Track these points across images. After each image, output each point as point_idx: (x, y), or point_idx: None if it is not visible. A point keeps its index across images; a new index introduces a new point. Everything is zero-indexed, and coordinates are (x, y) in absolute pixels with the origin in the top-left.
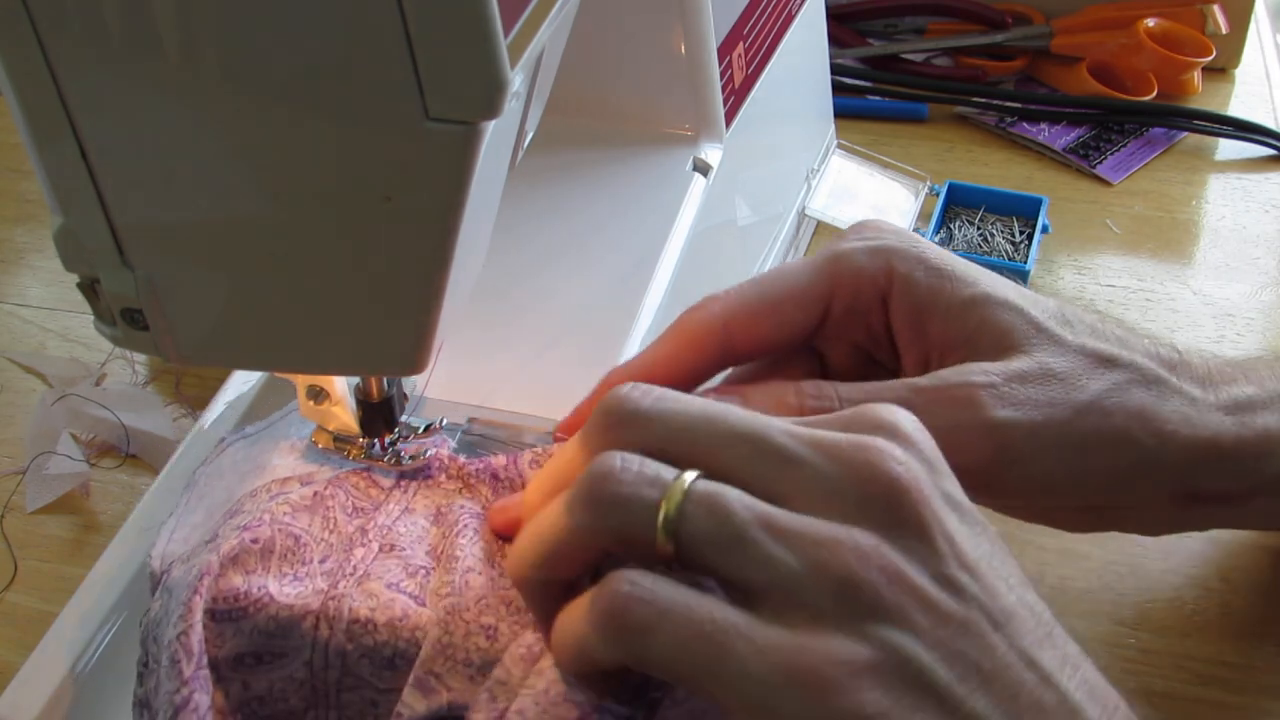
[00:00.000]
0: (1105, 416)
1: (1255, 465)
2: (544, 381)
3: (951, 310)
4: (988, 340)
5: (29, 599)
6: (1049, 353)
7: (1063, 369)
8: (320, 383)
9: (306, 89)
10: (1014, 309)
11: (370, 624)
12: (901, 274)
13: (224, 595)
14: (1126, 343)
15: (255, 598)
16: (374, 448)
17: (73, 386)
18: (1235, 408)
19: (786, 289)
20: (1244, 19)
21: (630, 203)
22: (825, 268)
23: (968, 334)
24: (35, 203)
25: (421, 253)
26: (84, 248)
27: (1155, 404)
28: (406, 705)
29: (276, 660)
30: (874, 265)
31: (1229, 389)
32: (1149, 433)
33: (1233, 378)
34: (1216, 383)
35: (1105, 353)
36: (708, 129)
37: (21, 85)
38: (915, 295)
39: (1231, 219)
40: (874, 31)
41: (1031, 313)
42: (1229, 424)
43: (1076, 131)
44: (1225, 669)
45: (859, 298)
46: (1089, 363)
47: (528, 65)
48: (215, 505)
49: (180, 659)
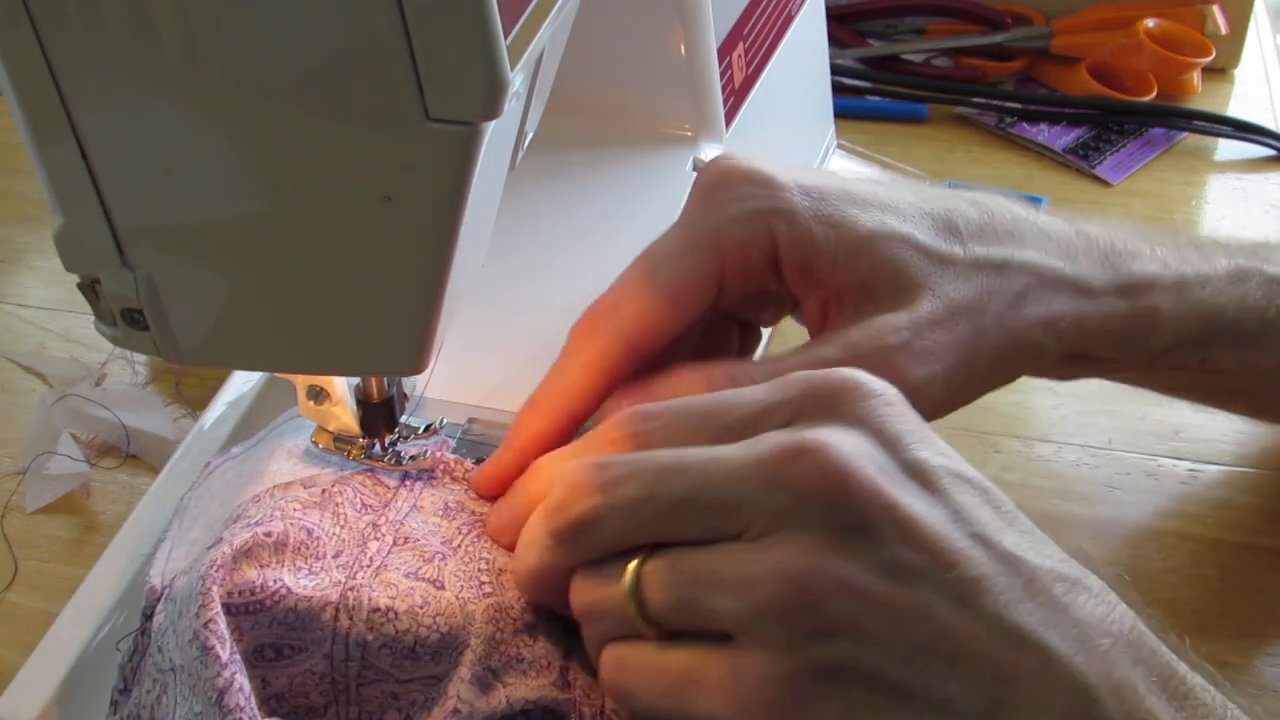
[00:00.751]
0: (1005, 331)
1: (1142, 343)
2: None
3: (839, 259)
4: (883, 282)
5: (29, 599)
6: (948, 281)
7: (965, 298)
8: (320, 383)
9: (307, 89)
10: (901, 239)
11: (391, 612)
12: (783, 234)
13: (239, 589)
14: (1018, 236)
15: (272, 590)
16: (374, 448)
17: (73, 386)
18: (1131, 289)
19: (678, 284)
20: (1244, 19)
21: (630, 203)
22: (709, 249)
23: (860, 278)
24: (35, 203)
25: (421, 253)
26: (84, 248)
27: (1049, 303)
28: (465, 702)
29: (296, 654)
30: (755, 233)
31: (1131, 264)
32: (1044, 331)
33: (1138, 251)
34: (1121, 256)
35: (998, 259)
36: (708, 129)
37: (21, 85)
38: (801, 251)
39: (1231, 219)
40: (874, 31)
41: (919, 238)
42: (1121, 306)
43: (1076, 132)
44: (1225, 669)
45: (750, 268)
46: (986, 277)
47: (528, 65)
48: (213, 519)
49: (214, 645)
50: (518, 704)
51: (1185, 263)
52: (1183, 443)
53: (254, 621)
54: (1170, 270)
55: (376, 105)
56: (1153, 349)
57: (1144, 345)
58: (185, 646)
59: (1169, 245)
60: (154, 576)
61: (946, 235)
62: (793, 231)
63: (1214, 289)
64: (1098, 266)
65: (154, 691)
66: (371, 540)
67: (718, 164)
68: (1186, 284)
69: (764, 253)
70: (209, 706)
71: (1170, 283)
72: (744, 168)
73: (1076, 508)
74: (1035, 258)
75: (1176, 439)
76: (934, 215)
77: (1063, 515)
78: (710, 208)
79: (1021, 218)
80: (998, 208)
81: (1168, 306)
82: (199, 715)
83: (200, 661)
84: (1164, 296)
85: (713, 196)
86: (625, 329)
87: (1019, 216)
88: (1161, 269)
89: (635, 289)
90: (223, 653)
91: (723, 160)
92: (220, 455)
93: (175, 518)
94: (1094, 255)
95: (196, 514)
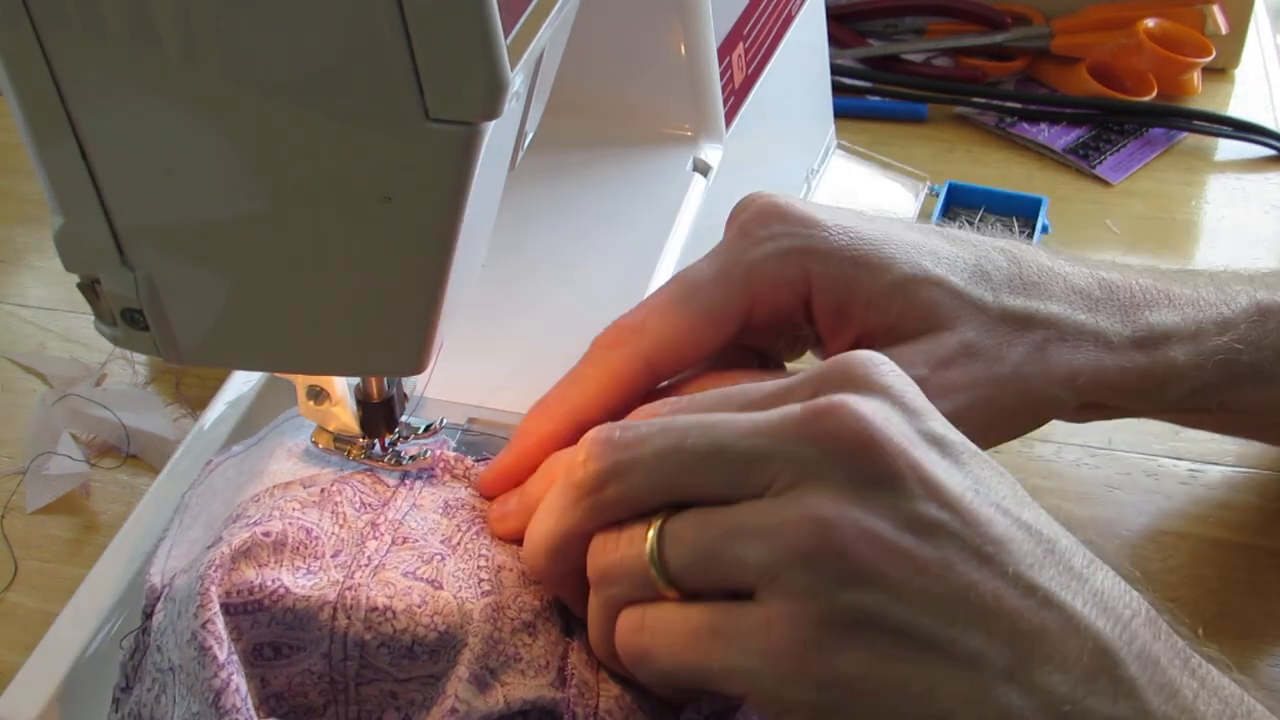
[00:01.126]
0: (1024, 384)
1: (1157, 393)
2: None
3: (873, 301)
4: (912, 322)
5: (29, 599)
6: (972, 325)
7: (984, 344)
8: (320, 383)
9: (307, 89)
10: (934, 283)
11: (389, 611)
12: (819, 274)
13: (237, 589)
14: (1045, 288)
15: (270, 590)
16: (374, 448)
17: (73, 386)
18: (1149, 341)
19: (705, 312)
20: (1244, 19)
21: (630, 203)
22: (741, 283)
23: (891, 320)
24: (35, 203)
25: (421, 253)
26: (84, 248)
27: (1070, 358)
28: (463, 701)
29: (295, 653)
30: (790, 271)
31: (1149, 316)
32: (1063, 386)
33: (1156, 301)
34: (1140, 307)
35: (1022, 312)
36: (708, 129)
37: (21, 85)
38: (835, 293)
39: (1231, 219)
40: (874, 31)
41: (951, 280)
42: (1139, 359)
43: (1076, 132)
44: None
45: (779, 305)
46: (1008, 328)
47: (528, 66)
48: (214, 518)
49: (211, 645)
50: (515, 704)
51: (1204, 308)
52: (1183, 443)
53: (253, 621)
54: (1188, 320)
55: (376, 105)
56: (1168, 398)
57: (1160, 395)
58: (183, 646)
59: (1187, 289)
60: (154, 575)
61: (979, 281)
62: (828, 272)
63: (1233, 334)
64: (1117, 319)
65: (153, 690)
66: (370, 540)
67: (756, 200)
68: (1203, 332)
69: (796, 291)
70: (206, 707)
71: (1188, 333)
72: (783, 205)
73: (1076, 508)
74: (1059, 311)
75: (1176, 439)
76: (967, 261)
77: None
78: (747, 242)
79: (1048, 269)
80: (1027, 257)
81: (1185, 358)
82: (196, 715)
83: (198, 662)
84: (1181, 348)
85: (750, 232)
86: (647, 348)
87: (1045, 268)
88: (1179, 320)
89: (663, 310)
90: (220, 653)
91: (761, 197)
92: (222, 453)
93: (176, 515)
94: (1114, 306)
95: (198, 512)
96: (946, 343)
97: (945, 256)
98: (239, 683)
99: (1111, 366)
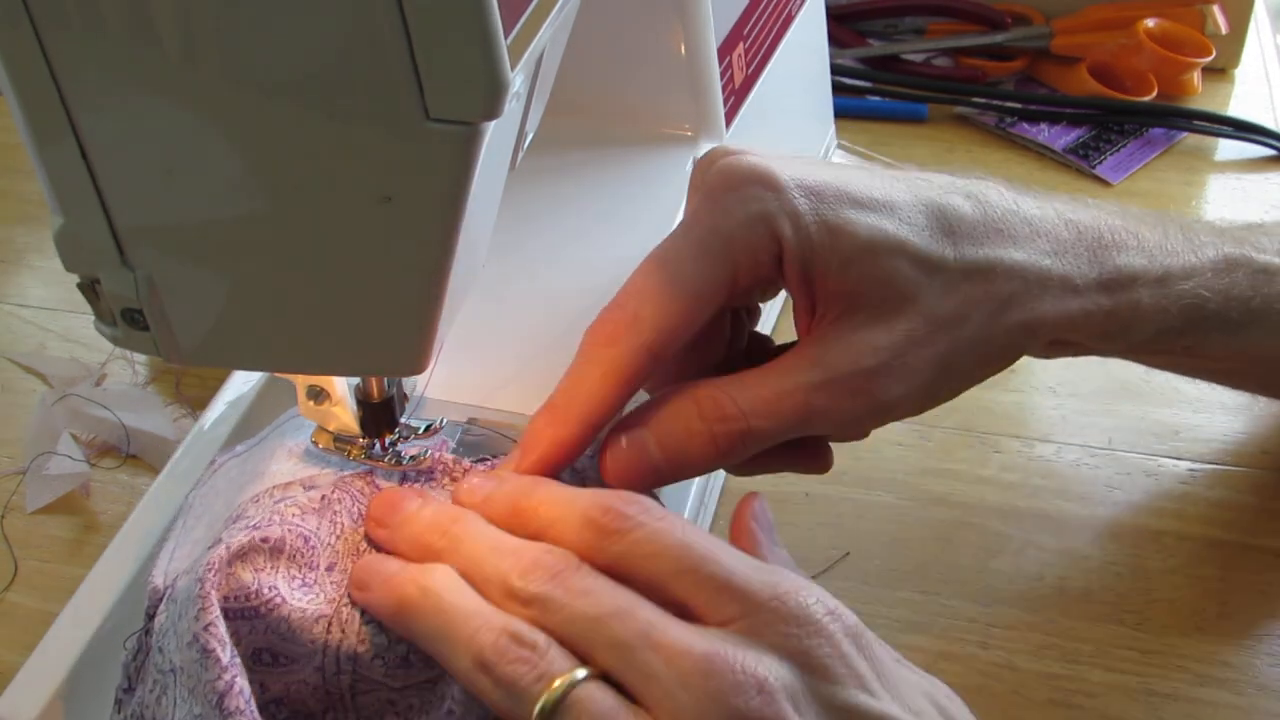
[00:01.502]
0: (987, 341)
1: (1123, 336)
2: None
3: (832, 267)
4: (871, 292)
5: (29, 599)
6: (934, 294)
7: (948, 311)
8: (320, 383)
9: (307, 89)
10: (895, 248)
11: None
12: (788, 237)
13: (235, 594)
14: (1009, 233)
15: (266, 598)
16: (374, 448)
17: (73, 386)
18: (1115, 284)
19: (695, 292)
20: (1244, 19)
21: (630, 203)
22: (721, 254)
23: (850, 286)
24: (35, 203)
25: (421, 253)
26: (84, 248)
27: (1033, 306)
28: (459, 702)
29: (290, 663)
30: (763, 236)
31: (1117, 259)
32: (1026, 334)
33: (1124, 243)
34: (1108, 248)
35: (985, 263)
36: (708, 129)
37: (21, 85)
38: (801, 255)
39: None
40: (874, 31)
41: (913, 243)
42: (1104, 302)
43: (1076, 132)
44: (1225, 669)
45: (759, 269)
46: (970, 285)
47: (528, 66)
48: (216, 518)
49: (214, 648)
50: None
51: (1171, 254)
52: (1183, 443)
53: (250, 627)
54: (1155, 263)
55: (376, 105)
56: (1133, 340)
57: (1125, 337)
58: (185, 648)
59: (1157, 233)
60: (157, 576)
61: (940, 236)
62: (796, 236)
63: (1198, 281)
64: (1083, 261)
65: (154, 692)
66: (366, 554)
67: (720, 162)
68: (1170, 276)
69: (771, 254)
70: (209, 709)
71: (1154, 276)
72: (747, 166)
73: (1076, 508)
74: (1022, 258)
75: (1176, 439)
76: (929, 211)
77: (1063, 515)
78: (717, 210)
79: (1012, 211)
80: (991, 199)
81: (1149, 300)
82: (198, 717)
83: (200, 664)
84: (1146, 291)
85: (719, 198)
86: (647, 338)
87: (1010, 210)
88: (1146, 262)
89: (654, 296)
90: (223, 655)
91: (724, 158)
92: (225, 453)
93: (180, 516)
94: (1080, 248)
95: (201, 512)
96: (906, 323)
97: (906, 211)
98: (243, 684)
99: (1076, 310)
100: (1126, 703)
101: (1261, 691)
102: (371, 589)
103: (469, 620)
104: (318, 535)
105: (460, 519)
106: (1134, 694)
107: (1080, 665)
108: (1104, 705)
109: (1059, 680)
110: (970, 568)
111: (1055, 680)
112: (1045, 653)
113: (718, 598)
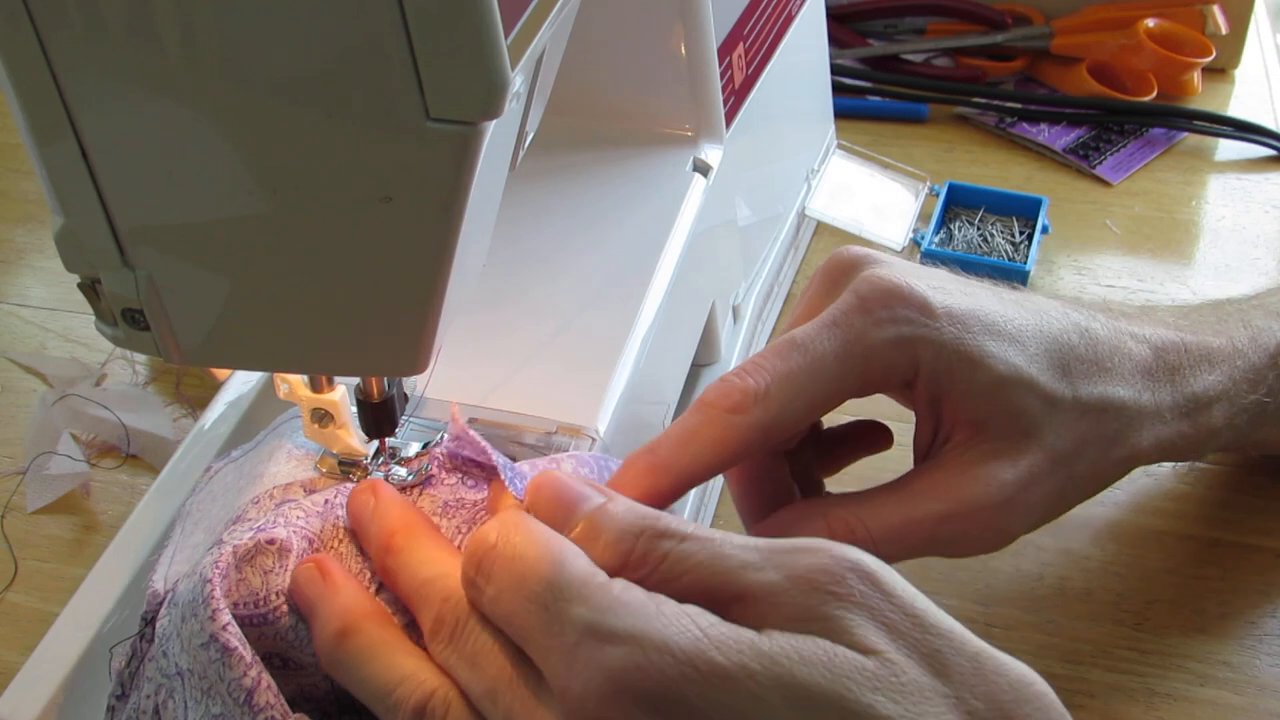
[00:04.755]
0: (1094, 475)
1: (1197, 450)
2: (543, 382)
3: (967, 397)
4: (999, 424)
5: (29, 599)
6: (1055, 430)
7: (1066, 448)
8: (325, 405)
9: (307, 89)
10: (1024, 385)
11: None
12: (927, 365)
13: (245, 600)
14: (1114, 370)
15: (275, 605)
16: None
17: (73, 386)
18: (1193, 408)
19: (825, 391)
20: (1244, 19)
21: (630, 203)
22: (859, 363)
23: (980, 418)
24: (35, 203)
25: (421, 253)
26: (85, 248)
27: (1134, 441)
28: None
29: (300, 669)
30: (903, 359)
31: (1194, 381)
32: (1128, 465)
33: (1198, 363)
34: (1185, 372)
35: (1097, 402)
36: (708, 129)
37: (22, 85)
38: (936, 383)
39: (1231, 219)
40: (874, 31)
41: (1039, 381)
42: (1186, 429)
43: (1076, 132)
44: (1225, 669)
45: (886, 386)
46: (1087, 424)
47: (528, 66)
48: (214, 523)
49: (236, 645)
50: None
51: (1237, 360)
52: None
53: (259, 634)
54: (1224, 378)
55: (376, 105)
56: (1204, 451)
57: (1199, 452)
58: (197, 650)
59: (1223, 338)
60: (156, 581)
61: (1059, 374)
62: (935, 364)
63: (1264, 389)
64: (1166, 391)
65: (155, 697)
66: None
67: (872, 273)
68: (1238, 390)
69: (903, 377)
70: (236, 707)
71: (1226, 393)
72: (902, 286)
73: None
74: (1125, 395)
75: None
76: (1049, 344)
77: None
78: (869, 321)
79: (1114, 347)
80: (1096, 331)
81: (1222, 419)
82: (218, 717)
83: (222, 663)
84: (1220, 409)
85: (872, 310)
86: (770, 419)
87: (1112, 346)
88: (1218, 380)
89: (787, 381)
90: (245, 653)
91: (873, 267)
92: (220, 459)
93: (177, 523)
94: (1162, 375)
95: (198, 518)
96: (1030, 460)
97: (1032, 344)
98: (269, 680)
99: (1165, 440)
100: (1126, 703)
101: (1261, 691)
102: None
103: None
104: (320, 538)
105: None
106: (1134, 694)
107: (1080, 665)
108: (1104, 705)
109: (1059, 680)
110: (970, 568)
111: (1055, 680)
112: (1045, 653)
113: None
